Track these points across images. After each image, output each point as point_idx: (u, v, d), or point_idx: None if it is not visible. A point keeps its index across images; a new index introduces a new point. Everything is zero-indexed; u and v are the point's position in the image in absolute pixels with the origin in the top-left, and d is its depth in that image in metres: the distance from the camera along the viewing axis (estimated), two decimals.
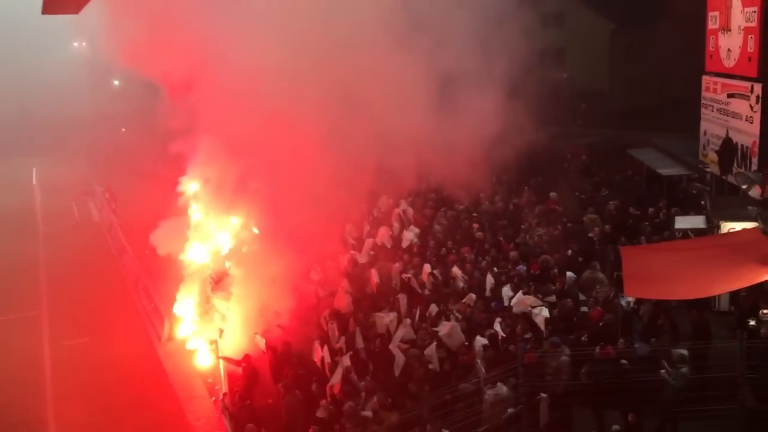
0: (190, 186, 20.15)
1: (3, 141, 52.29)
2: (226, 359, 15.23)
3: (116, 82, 53.56)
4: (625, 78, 30.58)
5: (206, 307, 18.19)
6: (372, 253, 19.70)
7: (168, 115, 18.22)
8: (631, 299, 14.01)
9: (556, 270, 16.31)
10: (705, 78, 21.03)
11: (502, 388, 11.90)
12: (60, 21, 42.69)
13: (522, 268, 16.50)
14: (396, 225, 21.13)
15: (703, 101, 21.12)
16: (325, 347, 14.33)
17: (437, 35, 17.72)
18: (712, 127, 20.67)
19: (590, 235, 18.36)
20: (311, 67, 16.02)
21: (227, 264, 18.71)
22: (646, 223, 18.54)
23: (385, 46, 16.99)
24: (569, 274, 15.69)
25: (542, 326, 13.47)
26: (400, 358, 13.19)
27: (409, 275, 16.89)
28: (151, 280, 22.20)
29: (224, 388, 14.65)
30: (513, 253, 17.30)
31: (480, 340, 13.40)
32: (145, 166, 35.56)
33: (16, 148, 51.32)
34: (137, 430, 14.67)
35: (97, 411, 15.39)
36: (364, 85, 16.67)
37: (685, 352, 11.91)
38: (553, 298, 14.69)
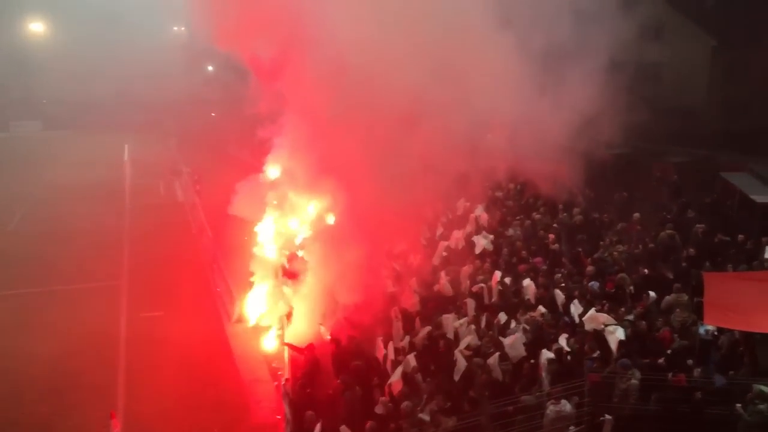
0: (272, 171, 20.60)
1: (100, 117, 54.87)
2: (290, 346, 15.46)
3: (210, 68, 55.31)
4: (724, 97, 29.28)
5: (276, 293, 18.52)
6: (444, 254, 19.60)
7: (256, 102, 18.56)
8: (711, 327, 13.38)
9: (631, 288, 15.78)
10: None
11: (566, 405, 11.61)
12: (160, 3, 44.40)
13: (595, 284, 16.05)
14: (470, 229, 20.94)
15: None
16: (390, 344, 14.31)
17: (526, 34, 17.31)
18: None
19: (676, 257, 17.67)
20: (402, 49, 15.80)
21: (300, 252, 19.01)
22: (734, 250, 17.69)
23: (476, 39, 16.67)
24: (651, 294, 15.14)
25: (614, 346, 13.01)
26: (461, 364, 13.05)
27: (481, 284, 16.66)
28: (226, 262, 22.74)
29: (287, 374, 14.84)
30: (590, 268, 16.82)
31: (546, 354, 13.13)
32: (232, 151, 36.53)
33: (111, 125, 53.71)
34: (200, 406, 15.03)
35: (164, 383, 15.89)
36: (454, 78, 16.39)
37: (765, 388, 11.31)
38: (631, 317, 14.15)
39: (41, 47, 60.59)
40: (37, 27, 62.97)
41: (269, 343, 17.75)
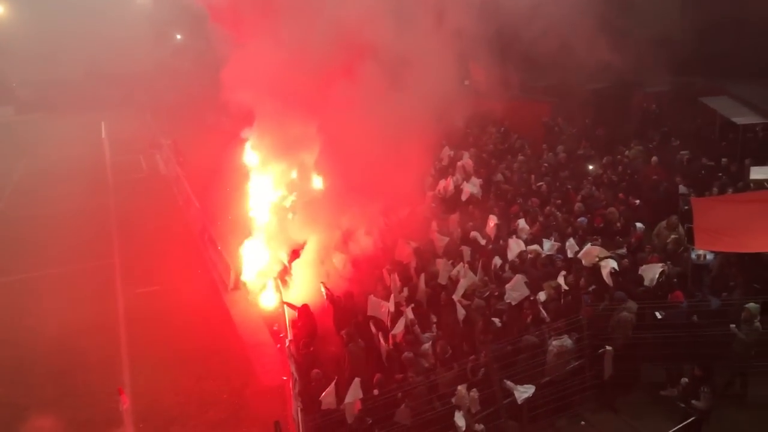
0: (251, 138, 20.38)
1: (72, 96, 53.85)
2: (288, 304, 15.59)
3: (178, 36, 54.26)
4: (697, 22, 29.08)
5: (270, 257, 18.56)
6: (433, 205, 19.65)
7: (225, 64, 18.09)
8: (701, 251, 13.62)
9: (620, 223, 15.93)
10: None
11: (567, 340, 11.83)
12: None
13: (583, 220, 16.20)
14: (458, 177, 20.98)
15: None
16: (391, 298, 14.40)
17: None
18: None
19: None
20: None
21: (290, 215, 18.99)
22: (720, 174, 17.88)
23: None
24: (639, 225, 15.32)
25: (607, 278, 13.20)
26: (461, 311, 13.20)
27: (475, 231, 16.75)
28: (216, 231, 22.72)
29: (289, 336, 14.99)
30: (578, 205, 16.95)
31: (542, 294, 13.32)
32: (209, 120, 36.11)
33: (84, 103, 52.76)
34: (205, 375, 15.17)
35: (168, 356, 16.01)
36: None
37: (757, 306, 11.57)
38: (623, 251, 14.33)
39: (4, 29, 59.04)
40: None
41: (267, 301, 17.87)
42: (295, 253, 17.53)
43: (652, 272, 13.09)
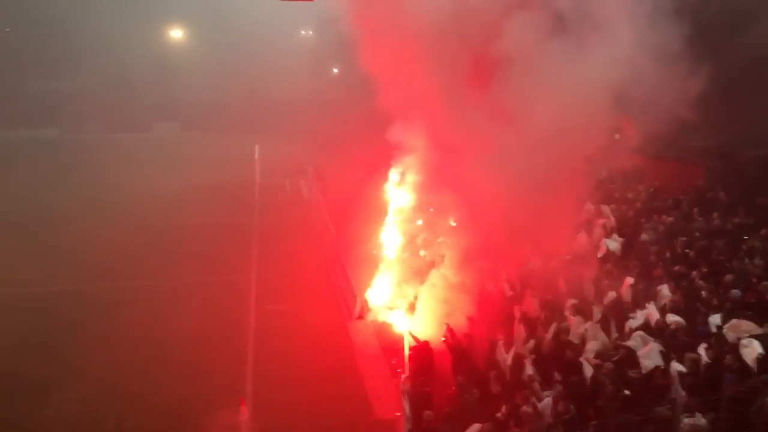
0: (396, 174, 20.74)
1: (232, 118, 57.52)
2: (412, 335, 15.53)
3: (335, 70, 56.62)
4: None
5: (399, 291, 18.68)
6: (567, 258, 18.99)
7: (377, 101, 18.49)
8: None
9: None
10: None
11: (701, 419, 10.92)
12: (291, 8, 45.86)
13: (736, 292, 14.99)
14: (597, 232, 20.20)
15: None
16: (512, 350, 14.00)
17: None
18: None
19: None
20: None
21: (422, 252, 19.08)
22: None
23: None
24: None
25: (751, 361, 12.01)
26: (588, 370, 12.59)
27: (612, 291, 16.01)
28: (348, 259, 23.18)
29: (406, 372, 14.91)
30: (728, 276, 15.74)
31: (676, 366, 12.40)
32: (354, 151, 37.27)
33: (243, 126, 56.10)
34: (321, 398, 15.39)
35: (289, 374, 16.44)
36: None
37: None
38: None
39: (180, 52, 64.44)
40: (176, 33, 66.90)
41: (390, 332, 17.87)
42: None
43: None
